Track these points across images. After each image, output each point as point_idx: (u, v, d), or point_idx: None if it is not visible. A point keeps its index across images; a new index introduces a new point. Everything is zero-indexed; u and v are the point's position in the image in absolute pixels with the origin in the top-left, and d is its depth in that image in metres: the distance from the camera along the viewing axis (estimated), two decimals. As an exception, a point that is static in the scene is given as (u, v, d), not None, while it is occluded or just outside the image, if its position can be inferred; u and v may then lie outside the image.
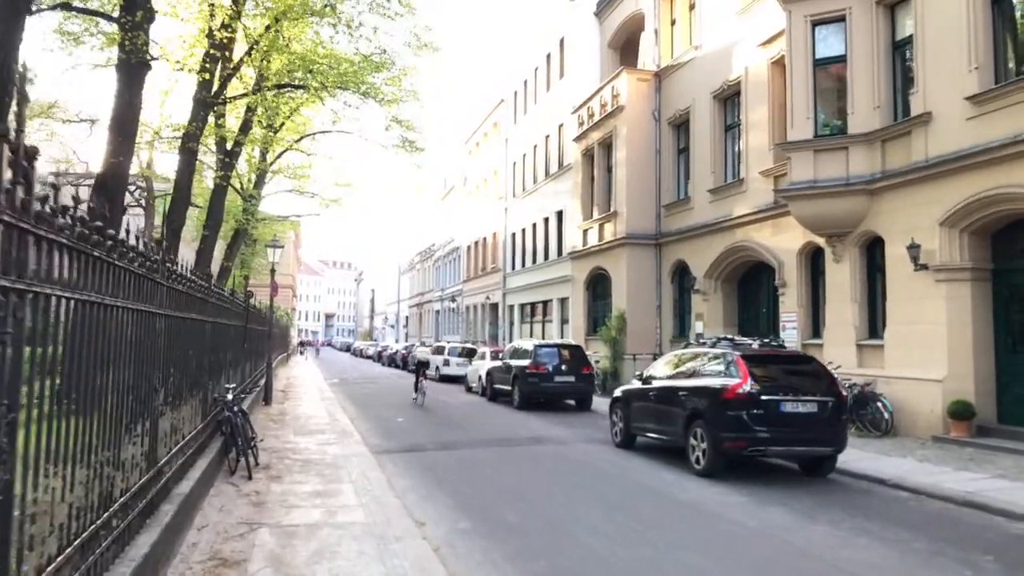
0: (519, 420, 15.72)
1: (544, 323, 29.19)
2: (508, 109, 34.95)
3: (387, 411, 17.52)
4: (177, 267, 5.74)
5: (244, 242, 35.42)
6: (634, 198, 21.25)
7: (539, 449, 11.58)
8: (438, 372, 29.39)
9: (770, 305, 17.19)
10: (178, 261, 7.51)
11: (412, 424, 15.10)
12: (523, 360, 18.18)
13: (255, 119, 22.02)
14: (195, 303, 6.64)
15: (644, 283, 21.12)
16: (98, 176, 12.38)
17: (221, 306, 8.87)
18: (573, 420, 15.81)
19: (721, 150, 18.65)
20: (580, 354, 18.34)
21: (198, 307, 6.87)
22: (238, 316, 11.66)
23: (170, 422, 5.61)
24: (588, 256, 23.84)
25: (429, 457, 10.80)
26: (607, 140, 22.79)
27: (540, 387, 17.47)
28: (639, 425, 11.16)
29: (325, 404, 18.24)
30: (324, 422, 14.36)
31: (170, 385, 5.46)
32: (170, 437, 5.61)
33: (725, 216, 17.83)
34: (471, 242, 41.51)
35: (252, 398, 14.12)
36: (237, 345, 11.75)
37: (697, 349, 10.39)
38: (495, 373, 20.06)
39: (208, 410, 8.23)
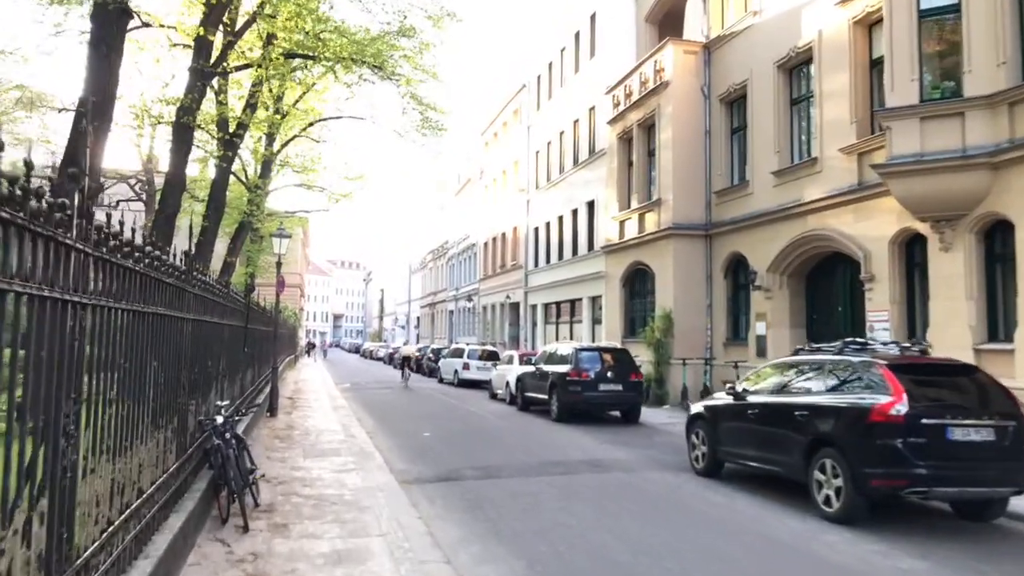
0: (564, 436, 13.56)
1: (572, 324, 27.01)
2: (530, 95, 32.81)
3: (409, 423, 15.40)
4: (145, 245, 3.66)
5: (250, 238, 33.52)
6: (681, 184, 19.06)
7: (605, 479, 9.41)
8: (456, 377, 27.33)
9: (848, 302, 14.98)
10: (171, 252, 5.55)
11: (441, 439, 12.97)
12: (562, 366, 16.03)
13: (260, 100, 20.00)
14: (161, 292, 4.52)
15: (692, 279, 18.93)
16: (66, 152, 10.39)
17: (210, 300, 6.75)
18: (627, 437, 13.64)
19: (787, 127, 16.45)
20: (627, 359, 16.17)
21: (168, 298, 4.74)
22: (235, 315, 9.55)
23: (111, 479, 3.48)
24: (625, 250, 21.67)
25: (472, 489, 8.66)
26: (648, 120, 20.60)
27: (583, 397, 15.31)
28: (731, 450, 8.99)
29: (338, 415, 16.14)
30: (339, 438, 12.25)
31: (105, 422, 3.33)
32: (110, 502, 3.47)
33: (793, 201, 15.63)
34: (488, 238, 39.38)
35: (255, 413, 12.03)
36: (234, 350, 9.64)
37: (815, 357, 8.20)
38: (527, 380, 17.91)
39: (190, 439, 6.11)
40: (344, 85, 17.47)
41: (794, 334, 16.16)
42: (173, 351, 5.13)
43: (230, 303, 8.67)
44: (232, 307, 8.95)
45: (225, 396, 8.34)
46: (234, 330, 9.46)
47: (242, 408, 9.14)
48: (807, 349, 8.54)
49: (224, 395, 8.27)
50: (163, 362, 4.75)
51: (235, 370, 9.78)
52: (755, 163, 17.27)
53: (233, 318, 9.26)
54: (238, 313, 9.91)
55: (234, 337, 9.57)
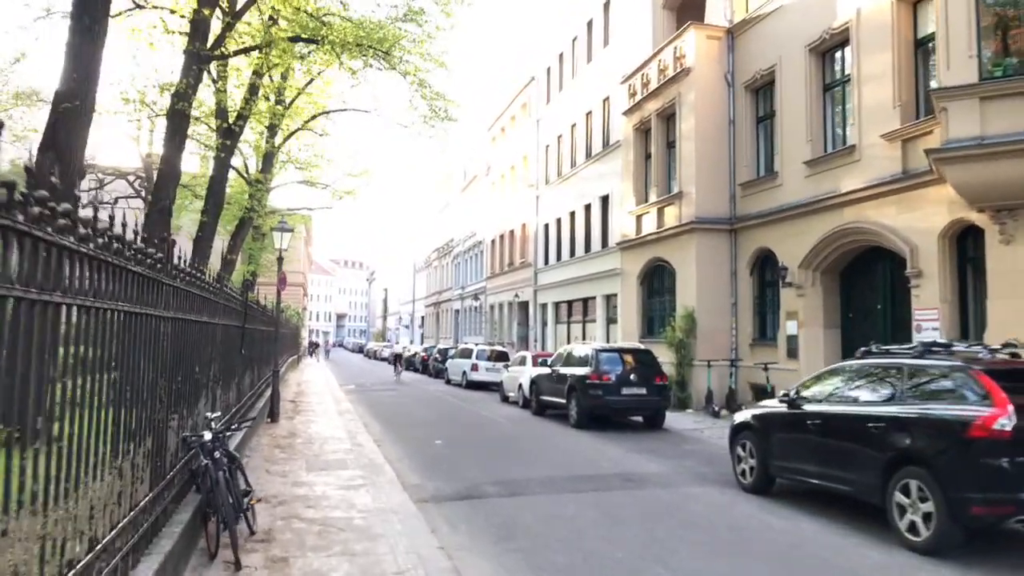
0: (587, 444, 12.58)
1: (585, 323, 26.02)
2: (539, 87, 31.81)
3: (419, 428, 14.44)
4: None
5: (252, 235, 32.64)
6: (704, 176, 18.06)
7: (645, 497, 8.42)
8: (465, 378, 26.38)
9: (889, 300, 13.98)
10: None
11: (455, 448, 12.00)
12: (581, 368, 15.05)
13: (261, 91, 19.07)
14: (124, 284, 3.55)
15: (716, 276, 17.93)
16: (47, 129, 9.44)
17: (197, 296, 5.78)
18: (654, 444, 12.65)
19: (820, 114, 15.44)
20: (651, 360, 15.17)
21: (135, 292, 3.77)
22: (231, 314, 8.59)
23: (40, 536, 2.51)
24: (643, 246, 20.67)
25: (498, 510, 7.68)
26: (668, 110, 19.61)
27: (604, 401, 14.32)
28: (786, 465, 8.01)
29: (344, 420, 15.19)
30: (344, 447, 11.30)
31: (28, 460, 2.36)
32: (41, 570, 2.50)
33: (828, 192, 14.62)
34: (496, 235, 38.38)
35: (255, 419, 11.07)
36: (230, 352, 8.67)
37: (889, 361, 7.20)
38: (542, 382, 16.93)
39: (171, 460, 5.14)
40: (349, 71, 16.47)
41: (828, 334, 15.16)
42: (147, 357, 4.17)
43: (224, 300, 7.71)
44: (227, 305, 7.99)
45: (218, 406, 7.37)
46: (230, 331, 8.50)
47: (234, 422, 8.15)
48: (876, 351, 7.55)
49: (216, 405, 7.30)
50: (130, 371, 3.78)
51: (230, 375, 8.81)
52: (784, 153, 16.26)
53: (228, 317, 8.30)
54: (234, 312, 8.96)
55: (230, 338, 8.61)
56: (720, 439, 13.41)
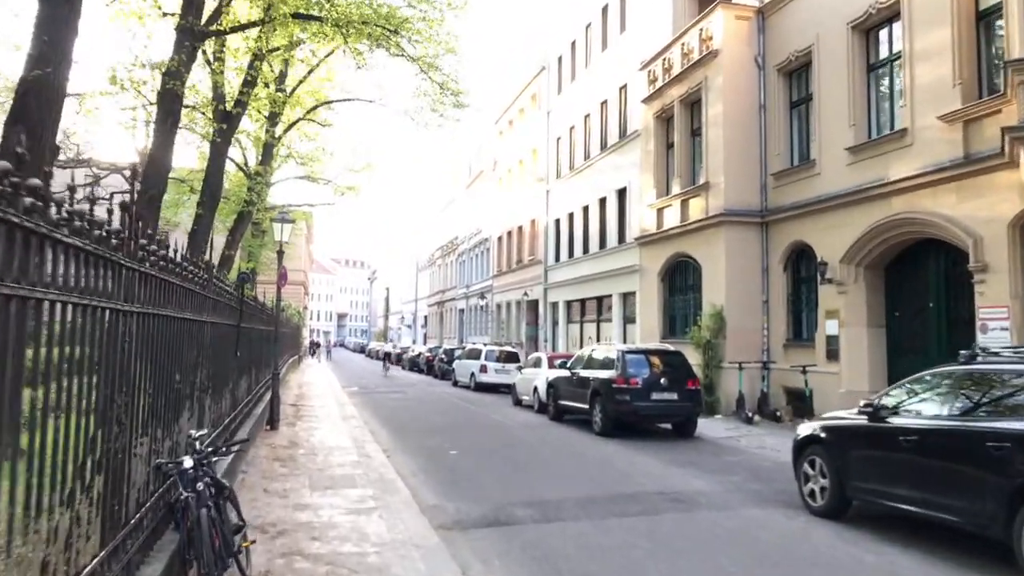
0: (617, 455, 11.44)
1: (600, 322, 24.87)
2: (550, 77, 30.65)
3: (430, 436, 13.31)
4: None
5: (251, 232, 31.64)
6: (733, 165, 16.92)
7: (699, 521, 7.28)
8: (473, 380, 25.27)
9: (943, 297, 12.83)
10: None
11: (473, 459, 10.87)
12: (605, 371, 13.91)
13: (261, 77, 17.96)
14: (70, 264, 2.42)
15: (746, 272, 16.79)
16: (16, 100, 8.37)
17: (177, 287, 4.65)
18: (691, 455, 11.51)
19: (863, 96, 14.30)
20: (681, 363, 14.03)
21: (75, 278, 2.64)
22: (224, 311, 7.45)
23: None
24: (665, 240, 19.53)
25: (535, 540, 6.55)
26: (693, 96, 18.47)
27: (632, 407, 13.17)
28: (869, 486, 6.86)
29: (349, 426, 14.06)
30: (351, 459, 10.17)
31: None
32: None
33: (875, 181, 13.48)
34: (503, 232, 37.23)
35: (245, 444, 9.93)
36: (223, 355, 7.53)
37: (1006, 367, 6.05)
38: (561, 386, 15.79)
39: (139, 498, 4.00)
40: (355, 53, 15.33)
41: (873, 334, 14.02)
42: (101, 365, 3.04)
43: (215, 295, 6.57)
44: (219, 300, 6.85)
45: (207, 419, 6.23)
46: (222, 330, 7.37)
47: (224, 438, 6.95)
48: (982, 354, 6.40)
49: (205, 418, 6.16)
50: (69, 387, 2.64)
51: (223, 382, 7.68)
52: (823, 139, 15.11)
53: (221, 314, 7.17)
54: (228, 309, 7.82)
55: (222, 339, 7.48)
56: (760, 449, 12.30)
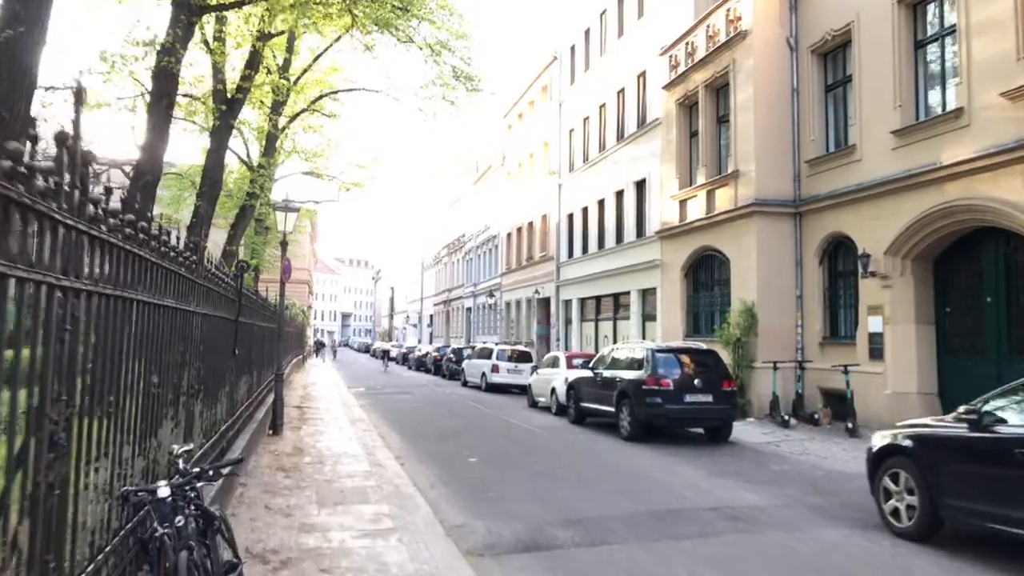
0: (652, 463, 10.45)
1: (616, 320, 23.86)
2: (562, 67, 29.65)
3: (445, 441, 12.34)
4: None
5: (255, 229, 30.77)
6: (764, 152, 15.92)
7: (766, 544, 6.29)
8: (484, 380, 24.29)
9: (1002, 291, 11.81)
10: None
11: (495, 467, 9.90)
12: (633, 371, 12.93)
13: (264, 62, 17.08)
14: None
15: (779, 265, 15.78)
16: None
17: (155, 266, 3.68)
18: (735, 464, 10.53)
19: (910, 75, 13.28)
20: (715, 362, 13.05)
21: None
22: (219, 302, 6.49)
23: None
24: (689, 233, 18.53)
25: (582, 569, 5.57)
26: (719, 80, 17.47)
27: (664, 410, 12.18)
28: (971, 506, 5.86)
29: (357, 430, 13.11)
30: (362, 469, 9.21)
31: None
32: None
33: (925, 166, 12.46)
34: (512, 228, 36.24)
35: (238, 460, 8.95)
36: (217, 353, 6.57)
37: None
38: (583, 387, 14.81)
39: (97, 539, 3.03)
40: (363, 30, 14.38)
41: (921, 331, 13.02)
42: (22, 365, 2.07)
43: (207, 282, 5.61)
44: (211, 288, 5.89)
45: (196, 429, 5.26)
46: (216, 324, 6.40)
47: (214, 455, 5.94)
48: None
49: (194, 428, 5.19)
50: None
51: (218, 383, 6.71)
52: (864, 123, 14.10)
53: (215, 306, 6.21)
54: (224, 301, 6.86)
55: (217, 334, 6.51)
56: (804, 455, 11.30)
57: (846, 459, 10.86)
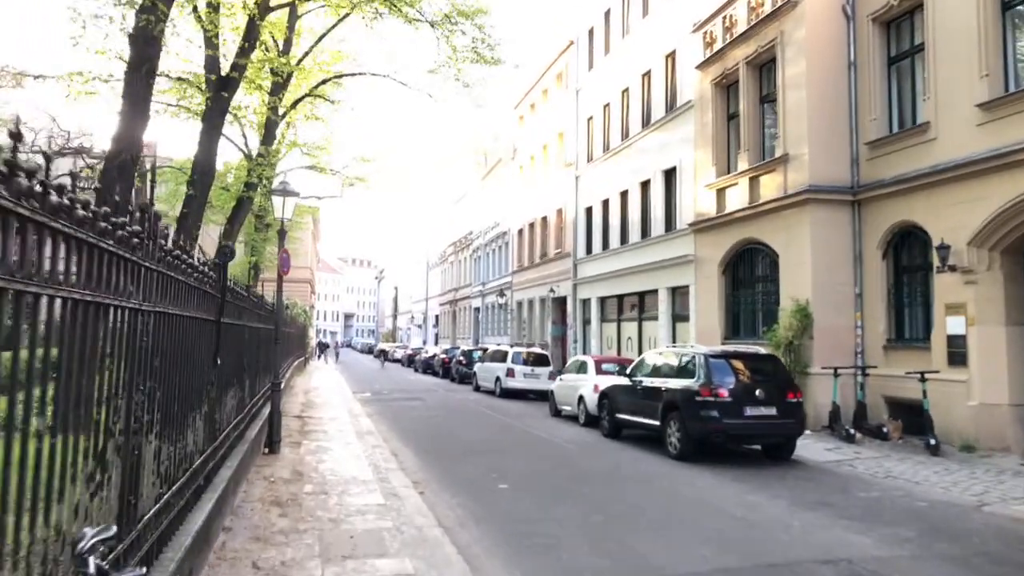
0: (719, 493, 8.79)
1: (642, 321, 22.19)
2: (579, 52, 27.98)
3: (467, 460, 10.71)
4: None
5: (255, 226, 29.27)
6: (819, 133, 14.27)
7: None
8: (499, 385, 22.68)
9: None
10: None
11: (531, 497, 8.26)
12: (681, 379, 11.28)
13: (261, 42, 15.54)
14: None
15: (836, 259, 14.14)
16: None
17: (71, 239, 2.01)
18: (814, 491, 8.86)
19: (998, 41, 11.61)
20: (777, 369, 11.41)
21: None
22: (190, 298, 4.84)
23: None
24: (728, 225, 16.88)
25: None
26: (763, 55, 15.82)
27: (722, 425, 10.50)
28: None
29: (366, 445, 11.49)
30: (375, 502, 7.57)
31: None
32: None
33: (1020, 143, 10.80)
34: (524, 224, 34.57)
35: (247, 449, 7.26)
36: (188, 366, 4.90)
37: None
38: (619, 396, 13.16)
39: None
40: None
41: (1014, 334, 11.39)
42: None
43: (165, 268, 3.96)
44: (174, 277, 4.24)
45: (145, 482, 3.60)
46: (186, 328, 4.76)
47: (179, 504, 4.17)
48: None
49: (141, 482, 3.52)
50: None
51: (189, 406, 5.06)
52: (940, 97, 12.43)
53: (182, 303, 4.57)
54: (199, 297, 5.23)
55: (187, 340, 4.87)
56: (888, 478, 9.59)
57: (944, 485, 9.20)
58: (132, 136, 9.89)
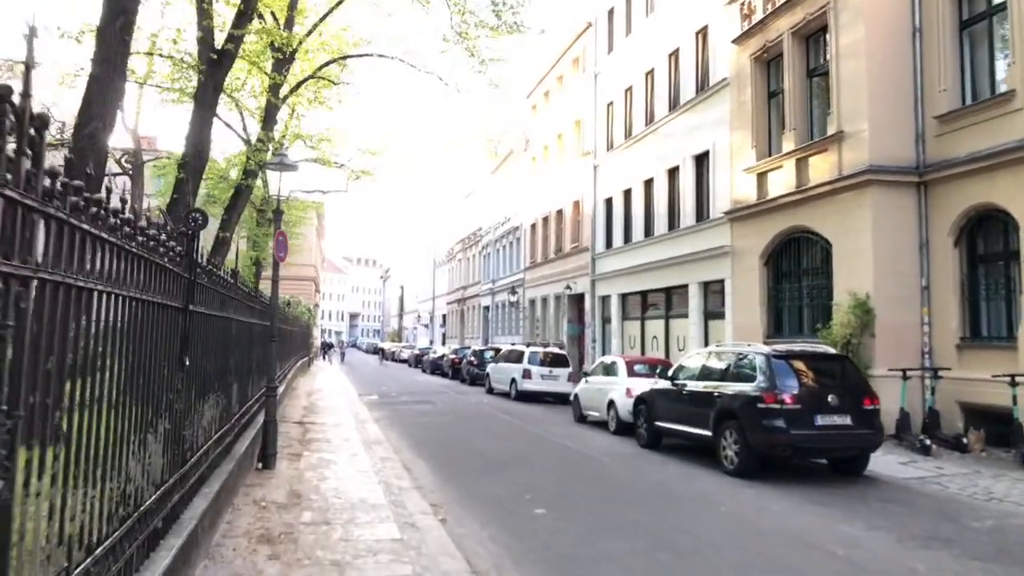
0: (800, 519, 7.31)
1: (669, 319, 20.69)
2: (598, 35, 26.48)
3: (494, 477, 9.24)
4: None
5: (257, 221, 28.04)
6: (879, 107, 12.78)
7: None
8: (514, 388, 21.24)
9: None
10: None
11: (579, 526, 6.78)
12: (738, 383, 9.81)
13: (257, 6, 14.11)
14: None
15: (900, 248, 12.65)
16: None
17: None
18: (914, 518, 7.37)
19: (1101, -7, 10.13)
20: (849, 371, 9.92)
21: None
22: (141, 278, 3.37)
23: None
24: (771, 212, 15.38)
25: None
26: (812, 24, 14.34)
27: (790, 437, 9.00)
28: None
29: (374, 458, 10.02)
30: (389, 535, 6.12)
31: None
32: None
33: None
34: (538, 218, 33.09)
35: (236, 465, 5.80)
36: (141, 367, 3.43)
37: None
38: (658, 402, 11.67)
39: None
40: None
41: (1121, 331, 9.84)
42: None
43: (100, 229, 2.49)
44: (115, 243, 2.77)
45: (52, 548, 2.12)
46: (131, 312, 3.30)
47: None
48: None
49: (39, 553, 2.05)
50: None
51: (143, 423, 3.59)
52: None
53: (123, 279, 3.11)
54: (158, 274, 3.78)
55: (135, 332, 3.42)
56: (992, 499, 8.04)
57: (1066, 510, 7.69)
58: (103, 100, 8.47)
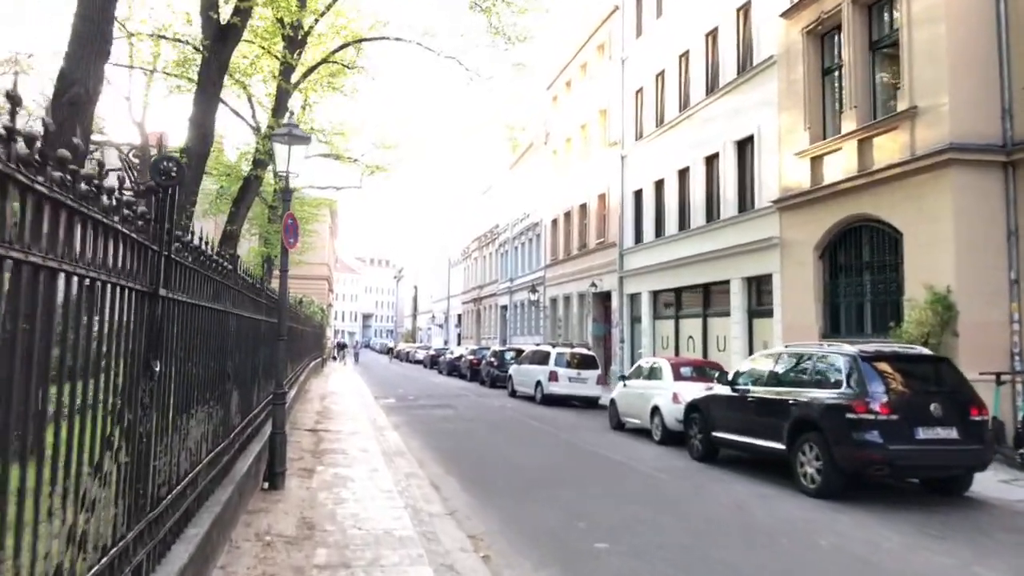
0: (920, 557, 5.96)
1: (707, 317, 19.30)
2: (625, 18, 25.09)
3: (536, 498, 7.93)
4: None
5: (268, 217, 26.93)
6: (961, 78, 11.37)
7: None
8: (540, 391, 19.98)
9: None
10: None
11: (648, 564, 5.47)
12: (819, 390, 8.47)
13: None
14: None
15: (984, 236, 11.25)
16: None
17: None
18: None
19: None
20: (953, 376, 8.51)
21: None
22: (77, 238, 2.09)
23: None
24: (827, 200, 13.98)
25: None
26: (878, -10, 12.94)
27: (886, 453, 7.63)
28: None
29: (397, 475, 8.75)
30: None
31: None
32: None
33: None
34: (560, 214, 31.74)
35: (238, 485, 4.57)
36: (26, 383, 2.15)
37: None
38: (718, 410, 10.33)
39: None
40: None
41: None
42: None
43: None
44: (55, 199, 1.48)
45: None
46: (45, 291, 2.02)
47: None
48: None
49: None
50: None
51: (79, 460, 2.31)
52: None
53: (49, 242, 1.84)
54: (92, 229, 2.51)
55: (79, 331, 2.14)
56: None
57: None
58: (84, 64, 7.29)
